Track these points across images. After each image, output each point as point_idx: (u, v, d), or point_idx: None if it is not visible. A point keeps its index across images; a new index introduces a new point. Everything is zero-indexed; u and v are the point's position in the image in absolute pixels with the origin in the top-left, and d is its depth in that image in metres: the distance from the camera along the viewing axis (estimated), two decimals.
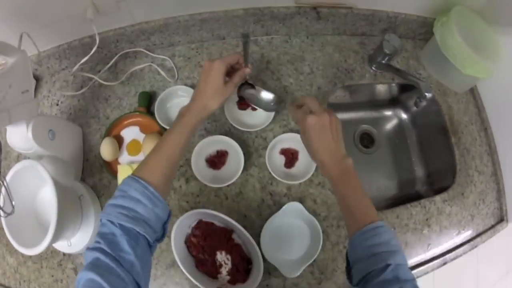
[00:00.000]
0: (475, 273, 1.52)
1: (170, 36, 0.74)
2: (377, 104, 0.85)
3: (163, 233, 0.47)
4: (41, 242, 0.54)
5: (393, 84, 0.81)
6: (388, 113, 0.88)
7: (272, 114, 0.68)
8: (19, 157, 0.73)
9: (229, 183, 0.64)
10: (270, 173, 0.66)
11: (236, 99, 0.70)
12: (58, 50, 0.72)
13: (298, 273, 0.63)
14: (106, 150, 0.66)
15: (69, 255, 0.67)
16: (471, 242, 0.78)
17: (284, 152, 0.69)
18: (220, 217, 0.62)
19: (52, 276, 0.66)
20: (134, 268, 0.39)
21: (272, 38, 0.77)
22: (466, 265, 1.49)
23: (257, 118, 0.71)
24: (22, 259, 0.68)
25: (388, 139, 0.86)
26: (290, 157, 0.68)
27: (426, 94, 0.66)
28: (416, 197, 0.75)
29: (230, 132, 0.68)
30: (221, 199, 0.67)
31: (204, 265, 0.63)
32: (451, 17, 0.71)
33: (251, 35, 0.72)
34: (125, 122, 0.71)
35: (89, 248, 0.39)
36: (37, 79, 0.78)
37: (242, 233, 0.61)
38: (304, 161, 0.69)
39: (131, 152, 0.69)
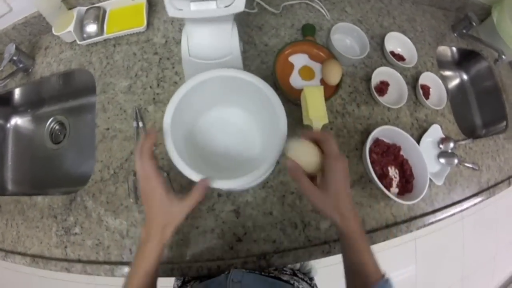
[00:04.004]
0: None
1: None
2: (443, 65, 1.07)
3: None
4: None
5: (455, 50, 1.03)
6: (452, 73, 1.11)
7: None
8: None
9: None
10: None
11: None
12: None
13: None
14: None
15: None
16: None
17: None
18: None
19: None
20: None
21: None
22: None
23: None
24: None
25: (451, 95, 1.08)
26: None
27: (503, 56, 0.90)
28: None
29: None
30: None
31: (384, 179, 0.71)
32: (504, 5, 0.98)
33: None
34: (295, 49, 0.75)
35: None
36: None
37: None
38: None
39: (304, 77, 0.72)
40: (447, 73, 1.11)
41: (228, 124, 0.64)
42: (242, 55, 0.64)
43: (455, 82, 1.12)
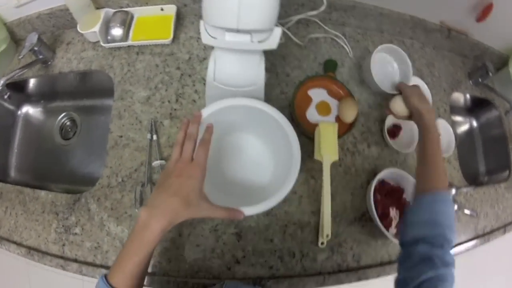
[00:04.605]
0: None
1: (348, 17, 0.82)
2: (454, 110, 1.08)
3: None
4: None
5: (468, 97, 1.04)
6: (462, 119, 1.13)
7: None
8: None
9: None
10: None
11: None
12: None
13: None
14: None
15: None
16: None
17: None
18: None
19: None
20: None
21: (413, 42, 0.94)
22: None
23: None
24: None
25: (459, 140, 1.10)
26: None
27: None
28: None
29: None
30: None
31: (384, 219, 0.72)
32: None
33: None
34: (315, 83, 0.76)
35: None
36: None
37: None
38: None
39: (321, 112, 0.73)
40: (458, 118, 1.13)
41: (242, 151, 0.65)
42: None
43: (464, 128, 1.14)
